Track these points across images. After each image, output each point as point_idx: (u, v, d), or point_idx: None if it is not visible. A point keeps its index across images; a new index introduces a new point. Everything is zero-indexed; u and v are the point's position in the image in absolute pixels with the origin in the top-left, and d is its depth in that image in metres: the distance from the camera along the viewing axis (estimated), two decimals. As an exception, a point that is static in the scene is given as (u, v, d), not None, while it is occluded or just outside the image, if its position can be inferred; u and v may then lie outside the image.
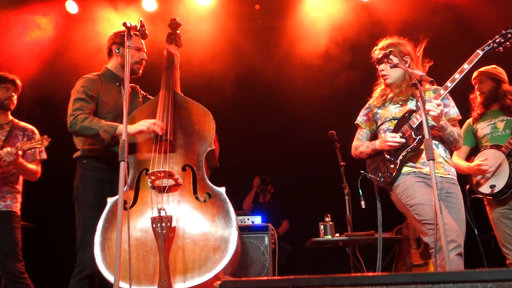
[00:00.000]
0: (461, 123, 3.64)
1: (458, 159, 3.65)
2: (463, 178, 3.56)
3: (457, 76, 2.80)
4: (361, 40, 5.39)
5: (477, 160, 3.52)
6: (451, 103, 3.01)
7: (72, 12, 5.54)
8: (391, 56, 2.88)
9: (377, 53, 3.02)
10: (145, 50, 3.34)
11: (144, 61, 3.32)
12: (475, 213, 3.46)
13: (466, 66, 2.79)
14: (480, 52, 2.80)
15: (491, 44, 2.81)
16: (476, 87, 3.74)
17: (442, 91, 2.81)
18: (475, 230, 3.45)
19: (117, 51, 3.27)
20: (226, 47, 5.71)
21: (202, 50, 5.30)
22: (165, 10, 5.46)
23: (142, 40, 3.29)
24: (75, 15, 5.58)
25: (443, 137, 2.87)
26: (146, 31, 2.83)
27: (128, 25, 2.73)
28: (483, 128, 3.67)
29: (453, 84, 2.79)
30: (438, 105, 2.68)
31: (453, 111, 2.99)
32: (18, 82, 3.82)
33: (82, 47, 5.20)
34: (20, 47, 5.22)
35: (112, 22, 5.20)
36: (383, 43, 3.05)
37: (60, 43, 5.43)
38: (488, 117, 3.68)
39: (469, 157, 3.71)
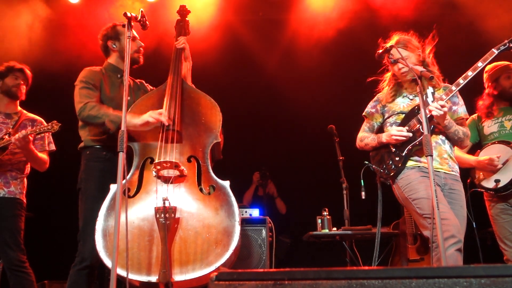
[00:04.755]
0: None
1: (462, 153, 3.60)
2: (464, 172, 3.55)
3: (470, 73, 2.79)
4: (362, 34, 5.38)
5: (487, 155, 3.46)
6: (460, 101, 3.00)
7: (72, 2, 5.52)
8: (391, 51, 2.89)
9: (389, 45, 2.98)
10: (138, 37, 3.34)
11: (142, 48, 3.32)
12: (473, 209, 3.46)
13: (480, 64, 2.79)
14: (495, 51, 2.80)
15: (507, 44, 2.80)
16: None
17: (453, 88, 2.80)
18: (474, 223, 3.45)
19: (114, 46, 3.28)
20: (227, 39, 5.70)
21: (202, 42, 5.28)
22: (167, 1, 5.43)
23: (134, 31, 3.24)
24: (75, 5, 5.55)
25: (448, 135, 2.87)
26: (147, 22, 2.83)
27: (129, 15, 2.73)
28: (489, 126, 3.63)
29: (465, 82, 2.78)
30: (442, 106, 2.68)
31: (461, 109, 2.99)
32: (28, 72, 3.79)
33: (82, 37, 5.19)
34: (20, 37, 5.20)
35: (113, 11, 5.19)
36: (393, 39, 3.02)
37: (61, 33, 5.41)
38: (496, 115, 3.64)
39: (471, 153, 3.69)
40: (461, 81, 2.79)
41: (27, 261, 3.54)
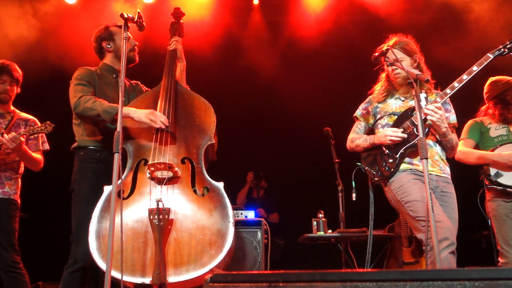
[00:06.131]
0: (465, 122, 3.70)
1: (472, 149, 3.61)
2: (463, 171, 3.54)
3: (464, 77, 2.79)
4: (358, 36, 5.41)
5: (509, 152, 3.44)
6: (452, 109, 3.01)
7: (69, 3, 5.52)
8: (388, 54, 2.89)
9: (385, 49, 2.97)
10: (131, 36, 3.30)
11: (136, 47, 3.31)
12: (469, 212, 3.47)
13: (474, 68, 2.79)
14: (490, 56, 2.81)
15: (502, 49, 2.81)
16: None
17: (448, 91, 2.81)
18: (489, 220, 3.47)
19: (109, 47, 3.28)
20: (223, 41, 5.71)
21: (199, 44, 5.29)
22: (163, 2, 5.43)
23: (128, 33, 3.21)
24: (72, 6, 5.55)
25: (442, 143, 2.87)
26: (143, 23, 2.82)
27: (126, 16, 2.73)
28: (497, 129, 3.64)
29: (460, 85, 2.78)
30: (438, 108, 2.68)
31: (453, 117, 3.00)
32: (16, 72, 3.71)
33: (79, 38, 5.18)
34: (16, 36, 5.18)
35: (110, 12, 5.18)
36: (391, 41, 3.01)
37: (57, 34, 5.40)
38: (500, 120, 3.66)
39: None
40: (456, 84, 2.79)
41: (21, 262, 3.51)
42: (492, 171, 3.50)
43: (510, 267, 3.00)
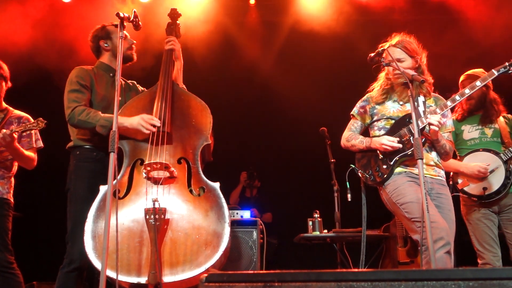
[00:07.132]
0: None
1: None
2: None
3: (467, 91, 2.84)
4: (355, 37, 5.41)
5: (475, 162, 3.50)
6: (449, 114, 3.02)
7: (65, 1, 5.50)
8: (383, 55, 2.88)
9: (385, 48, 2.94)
10: (129, 35, 3.32)
11: (134, 45, 3.31)
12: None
13: (478, 83, 2.84)
14: (495, 73, 2.84)
15: (508, 67, 2.83)
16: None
17: (448, 103, 2.84)
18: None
19: (106, 45, 3.27)
20: (220, 41, 5.70)
21: (195, 44, 5.28)
22: (160, 2, 5.42)
23: (126, 32, 3.17)
24: (68, 4, 5.53)
25: (436, 148, 2.88)
26: (140, 22, 2.82)
27: (121, 15, 2.72)
28: (470, 132, 3.66)
29: (461, 99, 2.84)
30: (439, 120, 2.71)
31: (449, 122, 3.01)
32: (3, 70, 3.60)
33: (74, 36, 5.16)
34: (12, 35, 5.16)
35: (106, 11, 5.17)
36: (394, 39, 2.98)
37: (53, 31, 5.38)
38: (475, 122, 3.67)
39: None
40: (458, 97, 2.85)
41: (15, 262, 3.49)
42: (460, 179, 3.58)
43: (505, 267, 3.01)
